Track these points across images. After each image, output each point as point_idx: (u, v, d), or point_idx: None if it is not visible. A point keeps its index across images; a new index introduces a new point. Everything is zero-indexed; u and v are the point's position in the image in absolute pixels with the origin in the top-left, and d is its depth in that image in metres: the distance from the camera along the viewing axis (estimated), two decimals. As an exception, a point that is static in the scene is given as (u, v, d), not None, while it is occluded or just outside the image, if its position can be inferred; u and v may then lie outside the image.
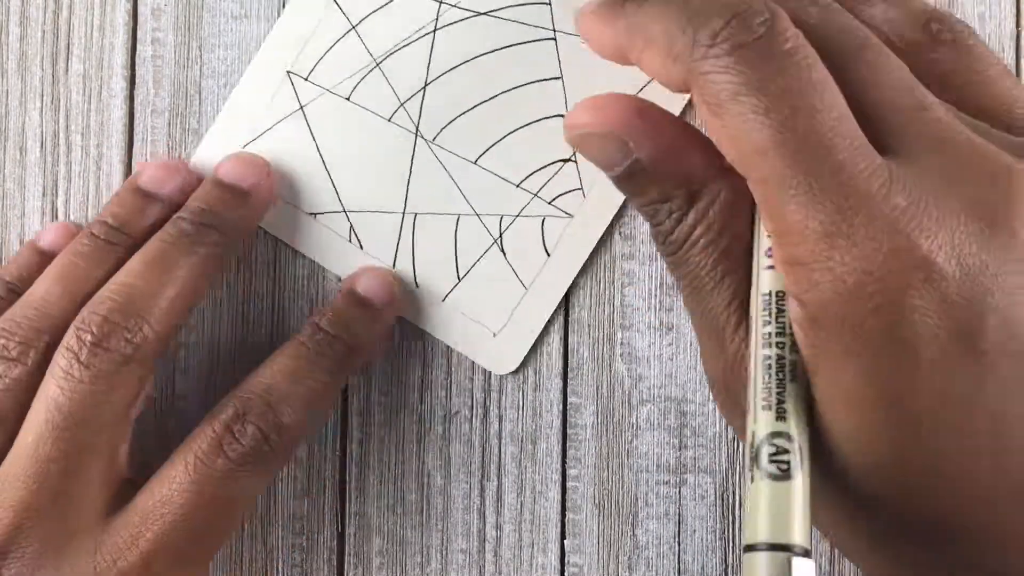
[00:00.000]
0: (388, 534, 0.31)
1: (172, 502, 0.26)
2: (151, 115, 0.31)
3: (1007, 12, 0.30)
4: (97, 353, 0.26)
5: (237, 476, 0.26)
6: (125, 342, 0.26)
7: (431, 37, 0.30)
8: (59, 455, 0.25)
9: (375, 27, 0.30)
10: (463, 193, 0.30)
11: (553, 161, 0.30)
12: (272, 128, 0.30)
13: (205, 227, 0.28)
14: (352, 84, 0.30)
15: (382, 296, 0.29)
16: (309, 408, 0.27)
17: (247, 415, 0.26)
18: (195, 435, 0.27)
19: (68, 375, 0.26)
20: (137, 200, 0.29)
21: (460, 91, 0.30)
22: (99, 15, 0.31)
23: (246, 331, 0.31)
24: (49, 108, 0.31)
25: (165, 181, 0.29)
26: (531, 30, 0.30)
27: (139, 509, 0.26)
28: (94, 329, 0.26)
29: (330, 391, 0.28)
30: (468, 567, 0.30)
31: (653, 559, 0.30)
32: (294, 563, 0.31)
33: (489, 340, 0.30)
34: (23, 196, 0.31)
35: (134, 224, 0.29)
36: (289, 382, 0.27)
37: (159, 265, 0.27)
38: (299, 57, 0.30)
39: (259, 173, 0.29)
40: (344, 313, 0.29)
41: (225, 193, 0.29)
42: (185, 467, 0.26)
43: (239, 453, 0.26)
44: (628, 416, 0.30)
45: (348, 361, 0.29)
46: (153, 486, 0.26)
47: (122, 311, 0.26)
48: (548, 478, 0.30)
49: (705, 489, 0.30)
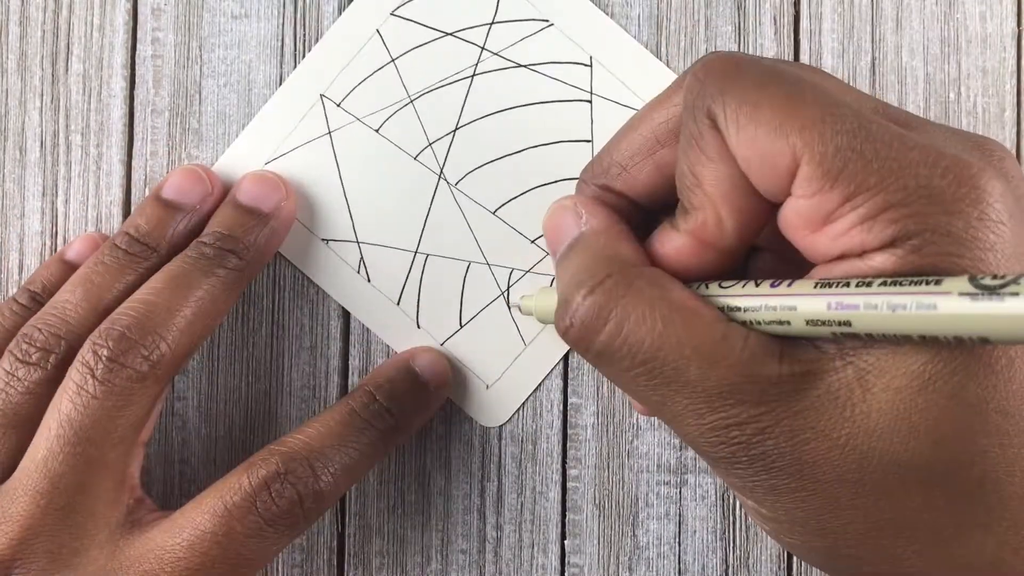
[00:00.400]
0: (388, 534, 0.31)
1: (193, 549, 0.25)
2: (151, 115, 0.31)
3: (1007, 12, 0.30)
4: (112, 369, 0.25)
5: (263, 536, 0.26)
6: (141, 359, 0.26)
7: (468, 81, 0.30)
8: (69, 470, 0.25)
9: (415, 64, 0.30)
10: (477, 241, 0.30)
11: None
12: (297, 149, 0.30)
13: (225, 251, 0.28)
14: (383, 117, 0.30)
15: (439, 378, 0.29)
16: (348, 479, 0.27)
17: (288, 475, 0.26)
18: (229, 482, 0.26)
19: (82, 390, 0.25)
20: (160, 211, 0.29)
21: (489, 139, 0.30)
22: (99, 15, 0.31)
23: (246, 332, 0.31)
24: (49, 108, 0.31)
25: (188, 191, 0.29)
26: (568, 89, 0.30)
27: (158, 545, 0.25)
28: (111, 344, 0.26)
29: (369, 464, 0.28)
30: (468, 567, 0.30)
31: (653, 559, 0.30)
32: (294, 563, 0.31)
33: (482, 392, 0.30)
34: (23, 196, 0.31)
35: (157, 235, 0.28)
36: (334, 447, 0.27)
37: (179, 285, 0.27)
38: (335, 82, 0.30)
39: (279, 195, 0.29)
40: (400, 388, 0.29)
41: (245, 216, 0.29)
42: (213, 516, 0.25)
43: (272, 514, 0.26)
44: (628, 416, 0.30)
45: (393, 437, 0.28)
46: (177, 525, 0.26)
47: (140, 328, 0.26)
48: (548, 478, 0.30)
49: (705, 489, 0.30)
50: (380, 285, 0.30)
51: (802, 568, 0.30)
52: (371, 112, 0.30)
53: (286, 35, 0.31)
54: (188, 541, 0.25)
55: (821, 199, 0.20)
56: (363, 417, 0.28)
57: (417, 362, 0.29)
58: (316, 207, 0.30)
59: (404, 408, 0.28)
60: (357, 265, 0.30)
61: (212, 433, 0.31)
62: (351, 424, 0.27)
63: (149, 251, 0.28)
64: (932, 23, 0.30)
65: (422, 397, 0.29)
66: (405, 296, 0.30)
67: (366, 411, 0.28)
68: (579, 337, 0.22)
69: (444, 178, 0.30)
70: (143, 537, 0.26)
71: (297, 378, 0.31)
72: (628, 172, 0.24)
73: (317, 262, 0.30)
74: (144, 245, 0.28)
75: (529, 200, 0.30)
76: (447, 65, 0.30)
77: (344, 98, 0.30)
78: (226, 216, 0.29)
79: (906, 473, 0.20)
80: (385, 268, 0.30)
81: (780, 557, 0.30)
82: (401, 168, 0.30)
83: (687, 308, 0.21)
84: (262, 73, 0.31)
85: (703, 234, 0.22)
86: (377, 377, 0.29)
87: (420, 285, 0.30)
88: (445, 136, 0.30)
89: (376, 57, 0.30)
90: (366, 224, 0.30)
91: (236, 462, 0.27)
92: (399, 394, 0.29)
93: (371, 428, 0.28)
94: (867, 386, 0.20)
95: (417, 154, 0.30)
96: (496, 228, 0.30)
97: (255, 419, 0.31)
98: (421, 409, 0.29)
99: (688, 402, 0.21)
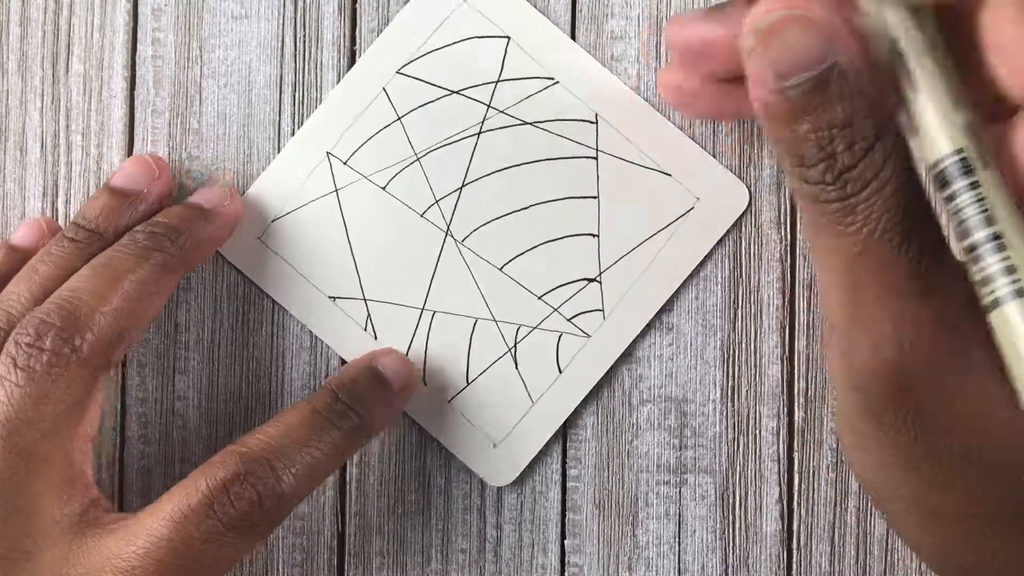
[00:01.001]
0: (388, 534, 0.31)
1: (149, 557, 0.24)
2: (151, 115, 0.31)
3: (1007, 12, 0.30)
4: (32, 355, 0.25)
5: (223, 541, 0.25)
6: (62, 342, 0.25)
7: (475, 139, 0.30)
8: (2, 465, 0.24)
9: (421, 121, 0.30)
10: (484, 297, 0.30)
11: (578, 279, 0.30)
12: (304, 206, 0.30)
13: (159, 236, 0.27)
14: (390, 175, 0.30)
15: (402, 379, 0.29)
16: (311, 480, 0.26)
17: (248, 476, 0.25)
18: (186, 485, 0.25)
19: (5, 380, 0.25)
20: (110, 199, 0.29)
21: (496, 196, 0.30)
22: (99, 15, 0.31)
23: (246, 332, 0.31)
24: (49, 108, 0.31)
25: (138, 178, 0.29)
26: (574, 146, 0.30)
27: (114, 554, 0.24)
28: (30, 331, 0.25)
29: (332, 464, 0.27)
30: (468, 567, 0.30)
31: (653, 559, 0.30)
32: (294, 563, 0.31)
33: (489, 450, 0.30)
34: (23, 196, 0.31)
35: (104, 222, 0.28)
36: (296, 447, 0.26)
37: (106, 272, 0.26)
38: (341, 140, 0.30)
39: (226, 197, 0.29)
40: (363, 387, 0.28)
41: (187, 210, 0.29)
42: (169, 521, 0.24)
43: (230, 518, 0.25)
44: (628, 416, 0.30)
45: (356, 437, 0.28)
46: (131, 532, 0.25)
47: (61, 314, 0.25)
48: (548, 478, 0.30)
49: (705, 489, 0.30)
50: (387, 342, 0.30)
51: (802, 569, 0.30)
52: (378, 170, 0.30)
53: (286, 35, 0.31)
54: (144, 549, 0.24)
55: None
56: (325, 416, 0.27)
57: (381, 362, 0.29)
58: (323, 264, 0.30)
59: (368, 407, 0.28)
60: (364, 322, 0.30)
61: (212, 433, 0.31)
62: (313, 424, 0.27)
63: (95, 236, 0.28)
64: (931, 23, 0.30)
65: (386, 396, 0.28)
66: (412, 353, 0.30)
67: (328, 410, 0.27)
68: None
69: (451, 235, 0.30)
70: (98, 543, 0.25)
71: (297, 378, 0.31)
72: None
73: (323, 320, 0.30)
74: (90, 232, 0.28)
75: (536, 256, 0.30)
76: (453, 123, 0.30)
77: (351, 156, 0.30)
78: (169, 211, 0.29)
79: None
80: (392, 325, 0.30)
81: (780, 557, 0.30)
82: (408, 225, 0.30)
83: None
84: (262, 74, 0.31)
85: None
86: (340, 377, 0.28)
87: (427, 342, 0.30)
88: (452, 193, 0.30)
89: (382, 115, 0.30)
90: (373, 281, 0.30)
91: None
92: (362, 393, 0.28)
93: (334, 428, 0.27)
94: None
95: (424, 211, 0.30)
96: (503, 284, 0.30)
97: (255, 419, 0.31)
98: (385, 408, 0.28)
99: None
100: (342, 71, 0.31)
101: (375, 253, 0.30)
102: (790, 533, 0.30)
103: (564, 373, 0.30)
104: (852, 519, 0.30)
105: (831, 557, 0.30)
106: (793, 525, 0.30)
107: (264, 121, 0.31)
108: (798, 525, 0.30)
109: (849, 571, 0.30)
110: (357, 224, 0.30)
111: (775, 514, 0.30)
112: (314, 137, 0.30)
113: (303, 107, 0.31)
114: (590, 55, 0.30)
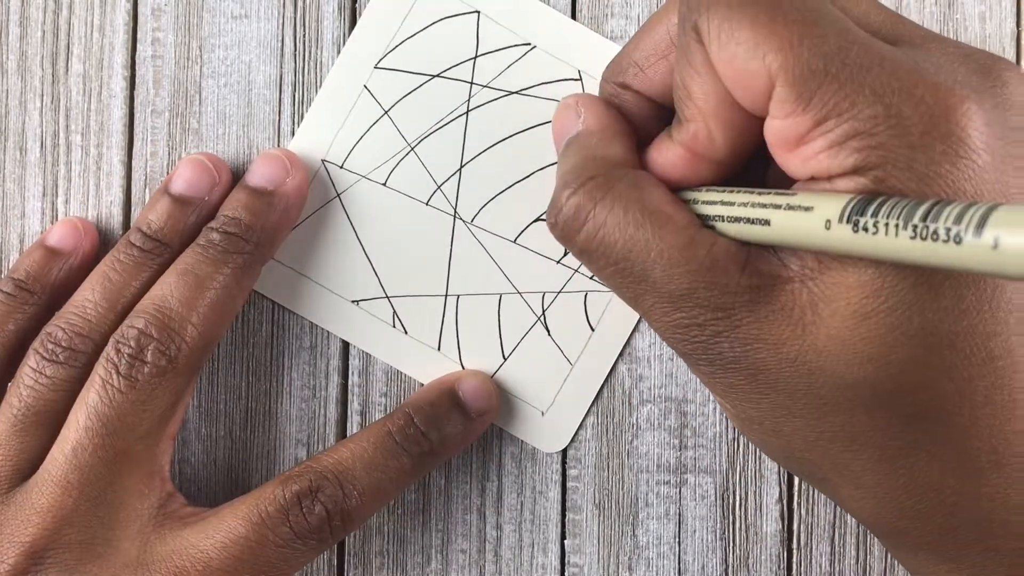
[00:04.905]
0: (388, 534, 0.31)
1: (226, 551, 0.26)
2: (151, 115, 0.31)
3: (1007, 12, 0.30)
4: (134, 365, 0.26)
5: (294, 547, 0.26)
6: (160, 354, 0.26)
7: (464, 119, 0.30)
8: (98, 462, 0.26)
9: (408, 112, 0.30)
10: (504, 272, 0.30)
11: None
12: (309, 218, 0.30)
13: (234, 237, 0.28)
14: (388, 170, 0.30)
15: (481, 404, 0.29)
16: (377, 501, 0.27)
17: (318, 493, 0.26)
18: (264, 492, 0.27)
19: (108, 384, 0.26)
20: (170, 206, 0.29)
21: (496, 171, 0.30)
22: (99, 15, 0.31)
23: (246, 331, 0.31)
24: (49, 108, 0.31)
25: (196, 183, 0.29)
26: None
27: (191, 544, 0.26)
28: (131, 343, 0.26)
29: (400, 487, 0.28)
30: (468, 567, 0.30)
31: (653, 559, 0.30)
32: (294, 563, 0.31)
33: (538, 419, 0.30)
34: (23, 196, 0.31)
35: (169, 231, 0.28)
36: (366, 470, 0.27)
37: (192, 280, 0.27)
38: (332, 145, 0.30)
39: (284, 172, 0.29)
40: (439, 412, 0.28)
41: (252, 198, 0.28)
42: (248, 522, 0.26)
43: (303, 528, 0.26)
44: (628, 416, 0.30)
45: (427, 462, 0.28)
46: (211, 526, 0.26)
47: (157, 325, 0.26)
48: (548, 478, 0.30)
49: (705, 489, 0.30)
50: (418, 335, 0.30)
51: (802, 569, 0.30)
52: (375, 167, 0.30)
53: (286, 35, 0.31)
54: (221, 543, 0.26)
55: (794, 121, 0.20)
56: (397, 441, 0.28)
57: (462, 387, 0.29)
58: (339, 270, 0.30)
59: (442, 434, 0.28)
60: (392, 320, 0.30)
61: (212, 433, 0.31)
62: (384, 447, 0.28)
63: (162, 247, 0.28)
64: (931, 23, 0.30)
65: (463, 424, 0.29)
66: (444, 340, 0.30)
67: (401, 434, 0.28)
68: (562, 235, 0.24)
69: (459, 217, 0.30)
70: (175, 534, 0.26)
71: (297, 378, 0.31)
72: (644, 72, 0.25)
73: (352, 325, 0.30)
74: (157, 241, 0.28)
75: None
76: (440, 106, 0.30)
77: (345, 159, 0.30)
78: (235, 200, 0.29)
79: (852, 393, 0.21)
80: (419, 317, 0.30)
81: (780, 557, 0.30)
82: (415, 216, 0.30)
83: (660, 212, 0.22)
84: (262, 73, 0.31)
85: (695, 146, 0.23)
86: (418, 400, 0.29)
87: (457, 327, 0.30)
88: (452, 176, 0.30)
89: (369, 112, 0.30)
90: (392, 278, 0.30)
91: (236, 462, 0.27)
92: (438, 419, 0.28)
93: (404, 453, 0.28)
94: (817, 311, 0.21)
95: (428, 199, 0.30)
96: (520, 256, 0.30)
97: (255, 419, 0.31)
98: (460, 436, 0.29)
99: (654, 300, 0.22)
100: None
101: (389, 249, 0.30)
102: (790, 533, 0.30)
103: (596, 330, 0.30)
104: (852, 519, 0.30)
105: (831, 557, 0.30)
106: (793, 525, 0.30)
107: (264, 121, 0.31)
108: (798, 525, 0.30)
109: (849, 571, 0.30)
110: (365, 224, 0.30)
111: (775, 514, 0.30)
112: (305, 148, 0.30)
113: (303, 107, 0.31)
114: (560, 12, 0.30)
